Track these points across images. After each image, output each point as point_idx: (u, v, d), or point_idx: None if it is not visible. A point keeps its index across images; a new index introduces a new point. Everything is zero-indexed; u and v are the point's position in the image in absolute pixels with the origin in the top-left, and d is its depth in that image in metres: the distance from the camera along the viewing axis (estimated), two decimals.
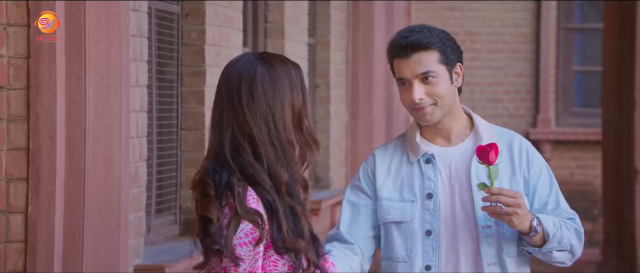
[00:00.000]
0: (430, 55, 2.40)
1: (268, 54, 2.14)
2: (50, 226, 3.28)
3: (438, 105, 2.41)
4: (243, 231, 2.00)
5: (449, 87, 2.42)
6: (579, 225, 2.47)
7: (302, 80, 2.12)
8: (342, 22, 7.69)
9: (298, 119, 2.08)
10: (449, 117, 2.44)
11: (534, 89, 10.06)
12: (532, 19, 10.00)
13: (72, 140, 3.37)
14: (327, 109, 7.30)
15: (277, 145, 2.04)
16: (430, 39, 2.40)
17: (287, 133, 2.06)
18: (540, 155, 2.47)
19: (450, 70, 2.43)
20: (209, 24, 4.79)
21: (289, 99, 2.07)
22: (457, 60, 2.44)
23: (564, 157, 9.99)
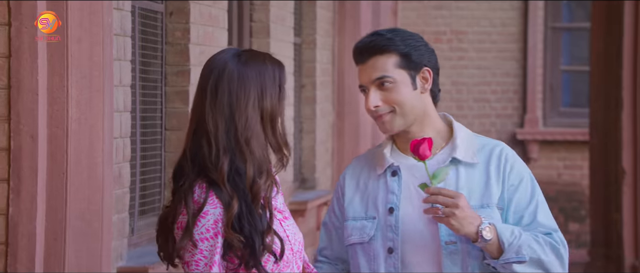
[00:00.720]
0: (387, 59, 2.29)
1: (249, 52, 2.14)
2: (32, 227, 3.26)
3: (397, 113, 2.29)
4: (204, 226, 2.04)
5: (411, 94, 2.29)
6: (556, 241, 2.29)
7: (280, 81, 2.11)
8: (328, 21, 7.69)
9: (269, 121, 2.08)
10: (418, 125, 2.31)
11: (521, 88, 10.09)
12: (519, 18, 10.03)
13: (54, 141, 3.36)
14: (313, 108, 7.30)
15: (234, 145, 2.05)
16: (387, 42, 2.29)
17: (247, 133, 2.06)
18: (524, 167, 2.34)
19: (414, 75, 2.31)
20: (194, 23, 4.78)
21: (255, 99, 2.07)
22: (425, 64, 2.32)
23: (552, 157, 10.02)
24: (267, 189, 2.08)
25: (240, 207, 2.04)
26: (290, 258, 2.14)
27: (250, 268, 2.07)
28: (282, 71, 2.14)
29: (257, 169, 2.07)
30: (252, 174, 2.05)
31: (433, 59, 2.35)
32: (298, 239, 2.19)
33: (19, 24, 3.27)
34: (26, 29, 3.27)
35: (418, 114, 2.32)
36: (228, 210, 2.04)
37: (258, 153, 2.07)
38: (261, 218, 2.07)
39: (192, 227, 2.05)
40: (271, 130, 2.09)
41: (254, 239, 2.05)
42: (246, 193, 2.05)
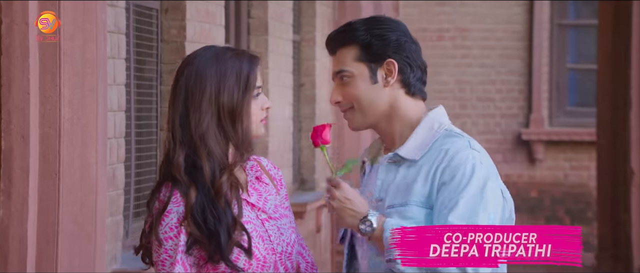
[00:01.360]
0: (348, 52, 2.22)
1: (220, 48, 2.19)
2: (23, 230, 3.26)
3: (355, 109, 2.23)
4: (168, 225, 2.11)
5: (368, 88, 2.21)
6: None
7: (248, 77, 2.14)
8: (328, 18, 7.69)
9: (229, 117, 2.12)
10: (386, 121, 2.24)
11: (526, 87, 10.09)
12: (524, 15, 10.03)
13: (46, 141, 3.35)
14: (312, 108, 7.30)
15: (189, 140, 2.12)
16: (350, 34, 2.22)
17: (200, 129, 2.11)
18: (471, 172, 2.17)
19: (374, 67, 2.22)
20: (190, 20, 4.77)
21: (212, 95, 2.12)
22: (389, 55, 2.21)
23: (558, 157, 10.02)
24: (230, 186, 2.12)
25: (202, 200, 2.10)
26: (270, 259, 2.17)
27: (217, 262, 2.11)
28: (252, 66, 2.17)
29: (217, 165, 2.12)
30: (209, 169, 2.10)
31: (407, 48, 2.23)
32: (286, 240, 2.22)
33: (10, 21, 3.27)
34: (17, 27, 3.26)
35: (381, 110, 2.23)
36: (186, 200, 2.09)
37: (215, 149, 2.11)
38: (226, 212, 2.10)
39: (156, 226, 2.11)
40: (231, 126, 2.12)
41: (219, 232, 2.08)
42: (207, 187, 2.10)
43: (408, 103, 2.25)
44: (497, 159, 9.90)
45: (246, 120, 2.15)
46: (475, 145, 2.23)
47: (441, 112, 2.28)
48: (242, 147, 2.14)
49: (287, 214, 2.27)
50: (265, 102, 2.21)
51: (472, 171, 2.17)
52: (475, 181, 2.17)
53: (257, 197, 2.24)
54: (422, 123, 2.24)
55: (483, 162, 2.20)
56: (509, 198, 2.25)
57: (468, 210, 2.15)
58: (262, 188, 2.26)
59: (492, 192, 2.18)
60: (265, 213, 2.22)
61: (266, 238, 2.18)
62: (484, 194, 2.16)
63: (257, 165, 2.27)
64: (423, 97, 2.28)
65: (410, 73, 2.24)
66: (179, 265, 2.10)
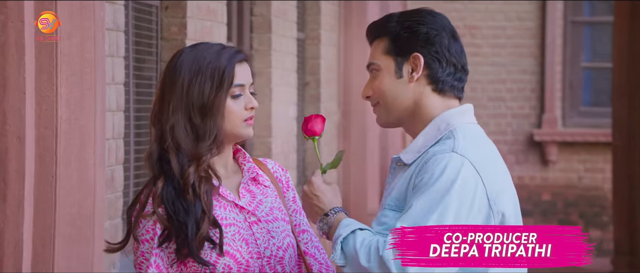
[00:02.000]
0: (379, 44, 2.21)
1: (208, 44, 2.24)
2: (18, 234, 3.26)
3: (381, 105, 2.20)
4: (145, 228, 2.17)
5: (392, 83, 2.19)
6: (377, 243, 2.09)
7: (224, 71, 2.18)
8: (334, 15, 7.69)
9: (198, 111, 2.17)
10: (410, 118, 2.20)
11: (539, 86, 10.08)
12: (537, 11, 10.03)
13: (42, 142, 3.36)
14: (317, 107, 7.30)
15: (161, 134, 2.19)
16: (382, 26, 2.20)
17: (171, 122, 2.17)
18: (439, 174, 2.12)
19: (400, 61, 2.18)
20: (191, 17, 4.78)
21: (183, 89, 2.18)
22: (415, 49, 2.18)
23: (572, 159, 10.01)
24: (200, 179, 2.17)
25: (171, 191, 2.15)
26: (254, 263, 2.19)
27: (185, 257, 2.15)
28: (230, 62, 2.20)
29: (186, 158, 2.17)
30: (176, 162, 2.16)
31: (438, 42, 2.19)
32: (276, 244, 2.23)
33: (5, 18, 3.28)
34: (13, 24, 3.27)
35: (405, 106, 2.20)
36: (154, 190, 2.16)
37: (183, 143, 2.17)
38: (195, 204, 2.15)
39: (134, 227, 2.18)
40: (201, 120, 2.17)
41: (186, 224, 2.13)
42: (176, 179, 2.15)
43: (434, 100, 2.21)
44: (508, 161, 9.89)
45: (218, 117, 2.18)
46: (463, 149, 2.15)
47: (457, 111, 2.22)
48: (212, 143, 2.18)
49: (285, 217, 2.28)
50: (250, 101, 2.23)
51: (440, 173, 2.11)
52: (440, 184, 2.10)
53: (250, 199, 2.26)
54: (431, 123, 2.20)
55: (464, 166, 2.12)
56: (502, 210, 2.15)
57: (418, 213, 2.09)
58: (258, 190, 2.28)
59: (461, 197, 2.10)
60: (255, 216, 2.23)
61: (252, 242, 2.20)
62: (445, 198, 2.09)
63: (255, 167, 2.29)
64: (457, 96, 2.23)
65: (439, 68, 2.19)
66: (152, 268, 2.15)
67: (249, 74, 2.25)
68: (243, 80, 2.22)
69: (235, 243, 2.18)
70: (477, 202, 2.12)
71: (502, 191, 2.17)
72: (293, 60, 6.68)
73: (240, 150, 2.30)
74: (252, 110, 2.23)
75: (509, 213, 2.17)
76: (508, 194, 2.19)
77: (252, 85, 2.25)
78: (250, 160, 2.29)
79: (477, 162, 2.14)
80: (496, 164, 2.19)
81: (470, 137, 2.19)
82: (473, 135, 2.21)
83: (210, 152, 2.18)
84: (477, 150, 2.17)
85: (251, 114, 2.23)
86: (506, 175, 2.22)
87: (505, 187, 2.19)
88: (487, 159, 2.17)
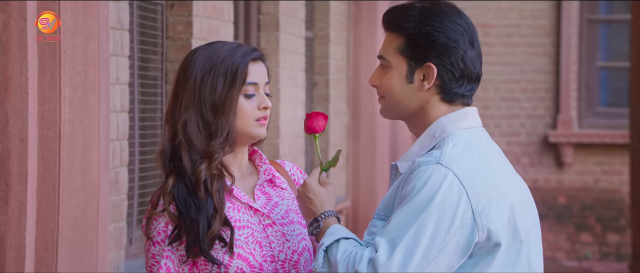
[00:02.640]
0: (394, 39, 2.18)
1: (224, 43, 2.27)
2: (21, 238, 3.28)
3: (386, 100, 2.20)
4: (156, 229, 2.20)
5: (402, 86, 2.18)
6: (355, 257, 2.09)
7: (236, 70, 2.20)
8: (343, 13, 7.70)
9: (212, 110, 2.20)
10: (412, 122, 2.20)
11: (554, 86, 10.06)
12: (552, 9, 10.01)
13: (45, 143, 3.37)
14: (326, 108, 7.31)
15: (174, 131, 2.23)
16: (399, 20, 2.16)
17: (183, 118, 2.21)
18: (420, 186, 2.10)
19: (413, 66, 2.17)
20: (197, 16, 4.79)
21: (195, 86, 2.21)
22: (429, 59, 2.16)
23: (588, 161, 9.99)
24: (212, 177, 2.19)
25: (183, 189, 2.18)
26: (268, 267, 2.21)
27: (196, 255, 2.17)
28: (244, 60, 2.22)
29: (198, 155, 2.20)
30: (188, 159, 2.19)
31: (454, 55, 2.17)
32: (291, 248, 2.25)
33: (7, 16, 3.29)
34: (15, 22, 3.28)
35: (409, 110, 2.20)
36: (164, 187, 2.20)
37: (196, 140, 2.20)
38: (206, 202, 2.17)
39: (147, 226, 2.20)
40: (213, 117, 2.20)
41: (198, 221, 2.15)
42: (187, 176, 2.18)
43: (440, 108, 2.20)
44: (522, 163, 9.88)
45: (230, 115, 2.20)
46: (449, 160, 2.12)
47: (455, 116, 2.19)
48: (224, 141, 2.20)
49: (301, 221, 2.29)
50: (264, 101, 2.24)
51: (422, 186, 2.09)
52: (420, 197, 2.08)
53: (266, 201, 2.27)
54: (427, 129, 2.19)
55: (447, 179, 2.09)
56: (493, 223, 2.10)
57: (396, 228, 2.07)
58: (274, 192, 2.29)
59: (441, 211, 2.07)
60: (270, 218, 2.25)
61: (266, 245, 2.22)
62: (423, 213, 2.07)
63: (271, 169, 2.30)
64: (465, 103, 2.22)
65: (452, 80, 2.18)
66: (163, 269, 2.17)
67: (265, 73, 2.27)
68: (257, 79, 2.23)
69: (248, 246, 2.19)
70: (459, 216, 2.08)
71: (499, 201, 2.12)
72: (301, 60, 6.69)
73: (256, 151, 2.33)
74: (266, 110, 2.24)
75: (501, 225, 2.11)
76: (505, 204, 2.13)
77: (267, 85, 2.26)
78: (267, 161, 2.31)
79: (464, 173, 2.11)
80: (493, 173, 2.14)
81: (463, 145, 2.16)
82: (467, 142, 2.17)
83: (223, 150, 2.20)
84: (467, 159, 2.13)
85: (264, 114, 2.24)
86: (508, 184, 2.16)
87: (504, 196, 2.13)
88: (479, 168, 2.13)
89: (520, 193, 2.20)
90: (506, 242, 2.12)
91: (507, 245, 2.13)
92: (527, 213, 2.19)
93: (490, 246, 2.11)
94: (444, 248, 2.07)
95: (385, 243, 2.07)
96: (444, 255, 2.07)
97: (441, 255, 2.07)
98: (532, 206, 2.22)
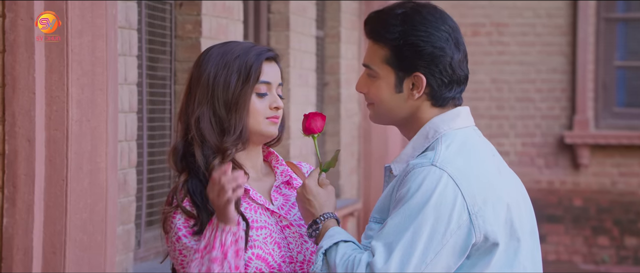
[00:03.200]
0: (378, 50, 2.20)
1: (238, 42, 2.32)
2: (28, 240, 3.29)
3: (375, 107, 2.24)
4: (176, 226, 2.23)
5: (392, 95, 2.20)
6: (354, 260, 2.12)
7: (250, 68, 2.24)
8: (354, 12, 7.70)
9: (225, 107, 2.24)
10: (405, 127, 2.23)
11: (570, 86, 10.04)
12: (568, 8, 10.00)
13: (52, 144, 3.39)
14: (337, 108, 7.31)
15: (187, 127, 2.26)
16: (382, 31, 2.19)
17: (196, 114, 2.24)
18: (415, 189, 2.12)
19: (401, 76, 2.19)
20: (206, 15, 4.81)
21: (208, 82, 2.24)
22: (417, 69, 2.18)
23: (605, 163, 9.97)
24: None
25: (195, 183, 2.21)
26: (286, 268, 2.23)
27: None
28: (258, 58, 2.25)
29: (211, 151, 2.23)
30: (200, 155, 2.22)
31: (442, 62, 2.18)
32: (309, 248, 2.27)
33: (14, 15, 3.31)
34: (22, 21, 3.30)
35: (400, 117, 2.23)
36: (174, 186, 2.23)
37: (208, 134, 2.23)
38: None
39: (166, 226, 2.24)
40: (226, 114, 2.23)
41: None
42: (201, 172, 2.22)
43: (431, 113, 2.22)
44: (537, 164, 9.87)
45: (243, 113, 2.23)
46: (443, 161, 2.14)
47: (447, 117, 2.21)
48: (237, 138, 2.23)
49: None
50: (275, 101, 2.27)
51: (417, 188, 2.11)
52: (415, 200, 2.10)
53: (283, 202, 2.31)
54: (420, 131, 2.21)
55: (442, 181, 2.11)
56: (489, 224, 2.12)
57: (393, 231, 2.09)
58: (291, 193, 2.33)
59: (437, 213, 2.09)
60: (287, 220, 2.28)
61: (284, 246, 2.24)
62: (419, 216, 2.09)
63: (288, 170, 2.33)
64: (455, 105, 2.24)
65: (442, 87, 2.20)
66: (194, 263, 2.17)
67: (278, 74, 2.30)
68: (270, 78, 2.27)
69: (267, 247, 2.22)
70: (455, 218, 2.11)
71: (494, 202, 2.13)
72: (312, 59, 6.69)
73: (272, 153, 2.35)
74: (277, 110, 2.27)
75: (498, 225, 2.12)
76: (501, 204, 2.14)
77: (280, 87, 2.30)
78: (284, 163, 2.34)
79: (458, 173, 2.13)
80: (488, 173, 2.16)
81: (456, 145, 2.18)
82: (460, 142, 2.19)
83: (235, 147, 2.23)
84: (461, 160, 2.15)
85: (275, 113, 2.27)
86: (503, 184, 2.17)
87: (499, 196, 2.15)
88: (474, 169, 2.15)
89: (516, 192, 2.21)
90: (504, 241, 2.14)
91: (505, 244, 2.15)
92: (524, 211, 2.21)
93: (488, 246, 2.13)
94: (441, 251, 2.09)
95: (382, 247, 2.09)
96: (441, 257, 2.09)
97: (438, 257, 2.09)
98: (528, 204, 2.24)
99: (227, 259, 2.11)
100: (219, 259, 2.11)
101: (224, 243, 2.11)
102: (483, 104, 9.93)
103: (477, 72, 9.93)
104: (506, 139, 9.92)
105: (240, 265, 2.12)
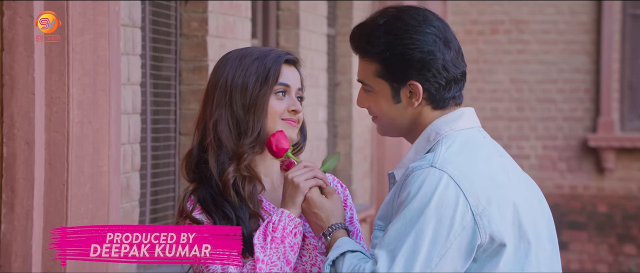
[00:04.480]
0: (368, 65, 2.27)
1: (258, 47, 2.37)
2: (27, 247, 3.31)
3: (379, 120, 2.30)
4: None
5: (391, 106, 2.25)
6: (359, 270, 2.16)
7: (268, 71, 2.29)
8: (366, 9, 7.71)
9: (242, 110, 2.28)
10: (410, 135, 2.29)
11: (594, 87, 10.03)
12: (592, 4, 9.98)
13: (52, 147, 3.41)
14: (349, 110, 7.32)
15: (204, 131, 2.30)
16: (370, 47, 2.25)
17: (214, 117, 2.29)
18: (415, 191, 2.15)
19: (397, 87, 2.24)
20: (212, 12, 4.82)
21: (226, 85, 2.29)
22: (411, 78, 2.23)
23: (631, 167, 9.95)
24: (243, 178, 2.26)
25: (205, 193, 2.25)
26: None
27: (246, 256, 2.23)
28: (277, 61, 2.30)
29: (227, 157, 2.28)
30: (214, 161, 2.27)
31: (434, 66, 2.22)
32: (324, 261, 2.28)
33: (13, 13, 3.32)
34: (21, 19, 3.32)
35: (405, 126, 2.28)
36: (182, 197, 2.27)
37: (225, 137, 2.28)
38: (240, 206, 2.26)
39: None
40: (244, 115, 2.28)
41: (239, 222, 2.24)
42: (213, 180, 2.26)
43: (433, 116, 2.26)
44: (559, 168, 9.86)
45: (262, 114, 2.27)
46: (443, 162, 2.16)
47: (449, 118, 2.24)
48: (255, 141, 2.27)
49: None
50: (294, 104, 2.31)
51: (416, 191, 2.13)
52: (416, 203, 2.12)
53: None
54: (422, 134, 2.26)
55: (442, 182, 2.13)
56: (495, 225, 2.13)
57: (394, 238, 2.12)
58: None
59: (438, 216, 2.11)
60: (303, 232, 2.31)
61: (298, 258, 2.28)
62: (420, 219, 2.11)
63: None
64: (457, 104, 2.28)
65: (440, 90, 2.24)
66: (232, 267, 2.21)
67: (297, 78, 2.35)
68: (288, 81, 2.32)
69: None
70: (458, 219, 2.12)
71: (500, 201, 2.14)
72: (323, 59, 6.71)
73: (293, 164, 2.38)
74: (295, 114, 2.32)
75: (505, 225, 2.13)
76: (507, 204, 2.15)
77: (300, 91, 2.34)
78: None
79: (460, 174, 2.15)
80: (492, 173, 2.17)
81: (458, 145, 2.20)
82: (462, 143, 2.21)
83: (253, 150, 2.27)
84: (463, 159, 2.17)
85: (292, 116, 2.31)
86: (509, 183, 2.18)
87: (505, 196, 2.16)
88: (476, 169, 2.16)
89: (528, 193, 2.22)
90: (512, 242, 2.15)
91: (514, 245, 2.15)
92: (537, 214, 2.21)
93: (495, 247, 2.14)
94: (446, 254, 2.11)
95: (384, 255, 2.12)
96: (446, 261, 2.11)
97: (444, 261, 2.10)
98: (543, 207, 2.24)
99: (283, 244, 2.17)
100: (278, 240, 2.18)
101: (285, 227, 2.18)
102: (502, 104, 9.93)
103: (496, 72, 9.93)
104: (526, 142, 9.91)
105: (291, 258, 2.19)
